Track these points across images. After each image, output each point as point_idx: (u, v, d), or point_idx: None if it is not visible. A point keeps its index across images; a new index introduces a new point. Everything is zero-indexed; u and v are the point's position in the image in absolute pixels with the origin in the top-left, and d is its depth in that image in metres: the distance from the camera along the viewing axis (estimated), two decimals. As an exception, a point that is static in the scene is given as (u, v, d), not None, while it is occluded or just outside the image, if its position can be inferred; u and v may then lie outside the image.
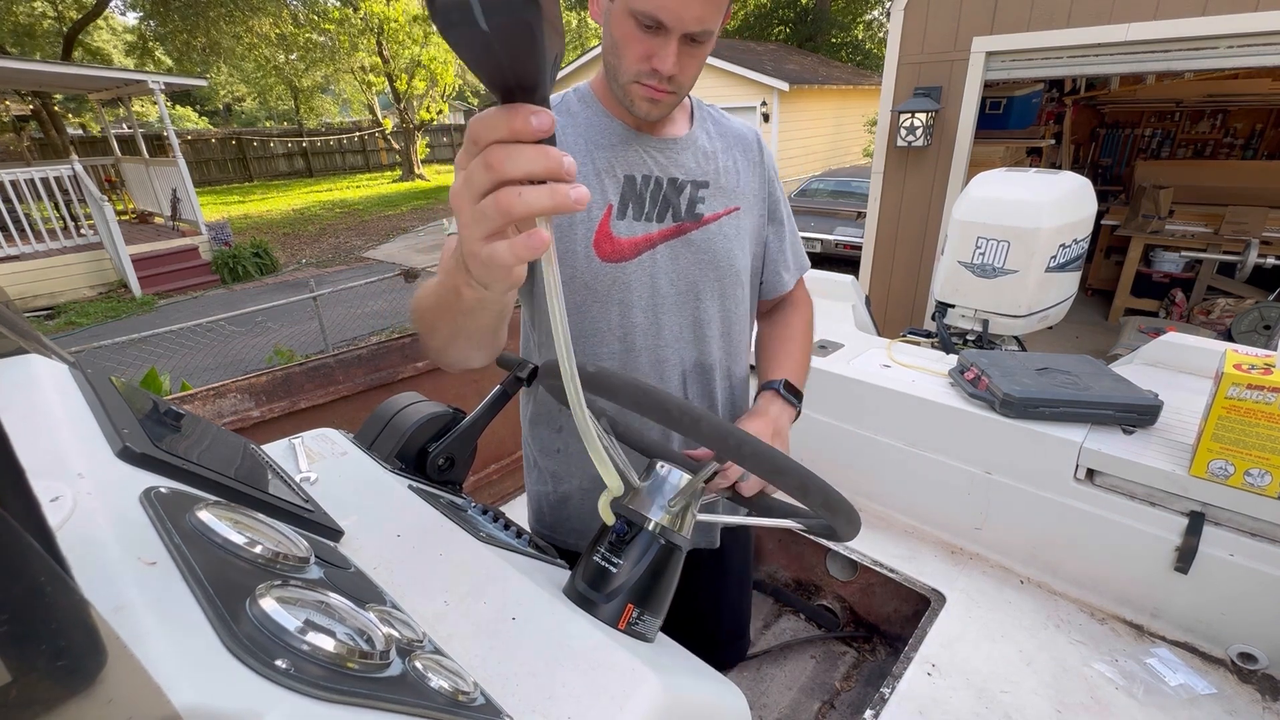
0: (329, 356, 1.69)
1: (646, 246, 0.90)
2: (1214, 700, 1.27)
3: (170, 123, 8.76)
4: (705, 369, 1.00)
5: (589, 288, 0.90)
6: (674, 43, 0.76)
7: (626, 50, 0.79)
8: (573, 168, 0.39)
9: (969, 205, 2.64)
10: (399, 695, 0.37)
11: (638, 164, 0.89)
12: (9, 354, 0.57)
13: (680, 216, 0.92)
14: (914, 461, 1.74)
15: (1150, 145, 6.43)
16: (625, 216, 0.89)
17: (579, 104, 0.92)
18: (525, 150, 0.37)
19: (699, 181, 0.93)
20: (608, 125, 0.90)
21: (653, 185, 0.90)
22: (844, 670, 1.80)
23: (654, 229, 0.90)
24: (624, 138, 0.89)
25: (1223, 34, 3.30)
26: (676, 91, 0.82)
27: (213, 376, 4.84)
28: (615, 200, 0.88)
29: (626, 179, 0.89)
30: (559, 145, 0.87)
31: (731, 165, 0.96)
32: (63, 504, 0.39)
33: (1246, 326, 4.17)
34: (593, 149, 0.88)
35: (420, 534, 0.65)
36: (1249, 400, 1.21)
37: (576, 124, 0.90)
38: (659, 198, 0.90)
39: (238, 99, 24.48)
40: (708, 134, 0.96)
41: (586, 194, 0.39)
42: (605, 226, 0.88)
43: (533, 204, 0.38)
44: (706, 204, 0.93)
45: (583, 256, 0.88)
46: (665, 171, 0.90)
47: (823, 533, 0.73)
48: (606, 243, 0.89)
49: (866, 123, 13.98)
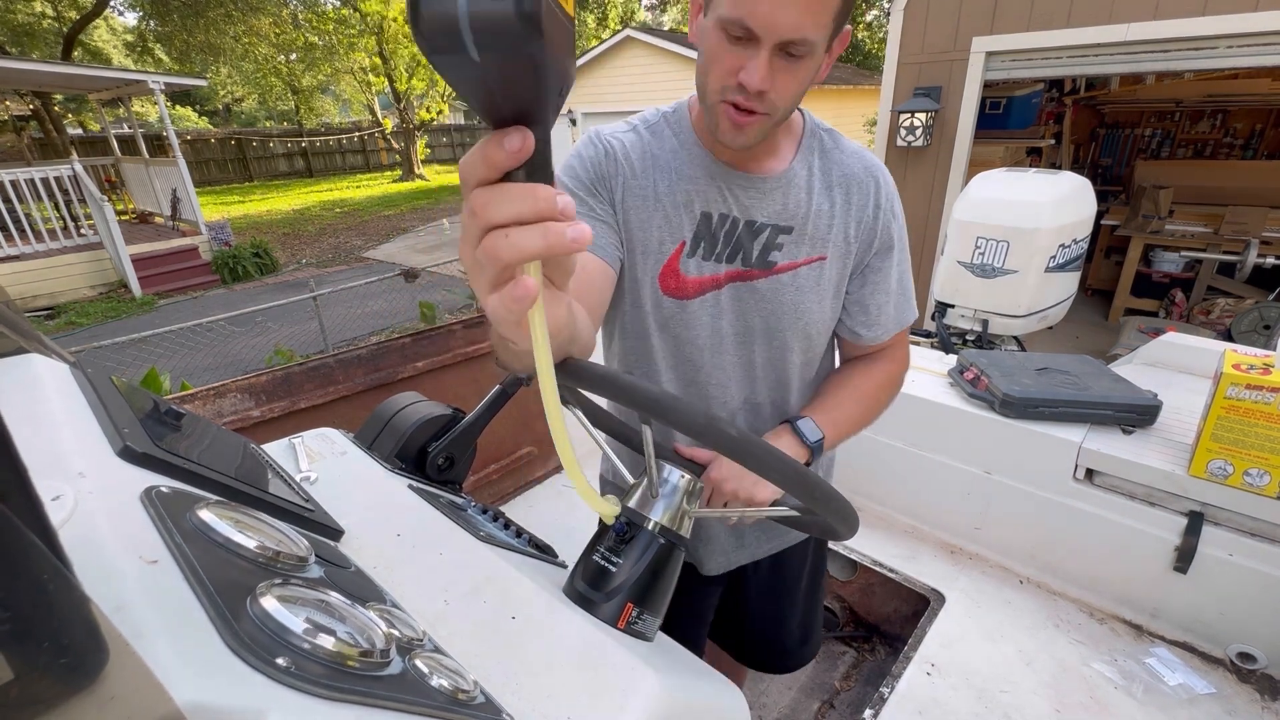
0: (329, 356, 1.69)
1: (712, 287, 0.87)
2: (1213, 700, 1.27)
3: (170, 123, 8.76)
4: (755, 409, 0.97)
5: (653, 317, 0.89)
6: (765, 54, 0.68)
7: (716, 65, 0.72)
8: (569, 207, 0.35)
9: (969, 205, 2.64)
10: (399, 694, 0.37)
11: (717, 202, 0.85)
12: (10, 354, 0.58)
13: (750, 262, 0.86)
14: (914, 461, 1.74)
15: (1150, 145, 6.43)
16: (695, 254, 0.86)
17: (672, 128, 0.87)
18: (509, 191, 0.34)
19: (781, 226, 0.86)
20: (696, 156, 0.85)
21: (728, 225, 0.85)
22: (844, 670, 1.80)
23: (721, 270, 0.86)
24: (710, 172, 0.84)
25: (1222, 34, 3.30)
26: (769, 113, 0.74)
27: (213, 376, 4.84)
28: (689, 237, 0.85)
29: (703, 216, 0.85)
30: (647, 169, 0.85)
31: (828, 208, 0.87)
32: (64, 503, 0.39)
33: (1246, 326, 4.17)
34: (676, 180, 0.84)
35: (420, 533, 0.65)
36: (1248, 400, 1.21)
37: (665, 150, 0.85)
38: (732, 239, 0.86)
39: (237, 99, 24.47)
40: (810, 170, 0.87)
41: (587, 232, 0.36)
42: (674, 262, 0.85)
43: (522, 247, 0.34)
44: (784, 251, 0.87)
45: (649, 286, 0.86)
46: (745, 213, 0.85)
47: (821, 531, 0.74)
48: (672, 278, 0.86)
49: (866, 123, 13.97)
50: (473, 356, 1.97)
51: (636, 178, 0.85)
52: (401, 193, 16.86)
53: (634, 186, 0.84)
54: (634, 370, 0.94)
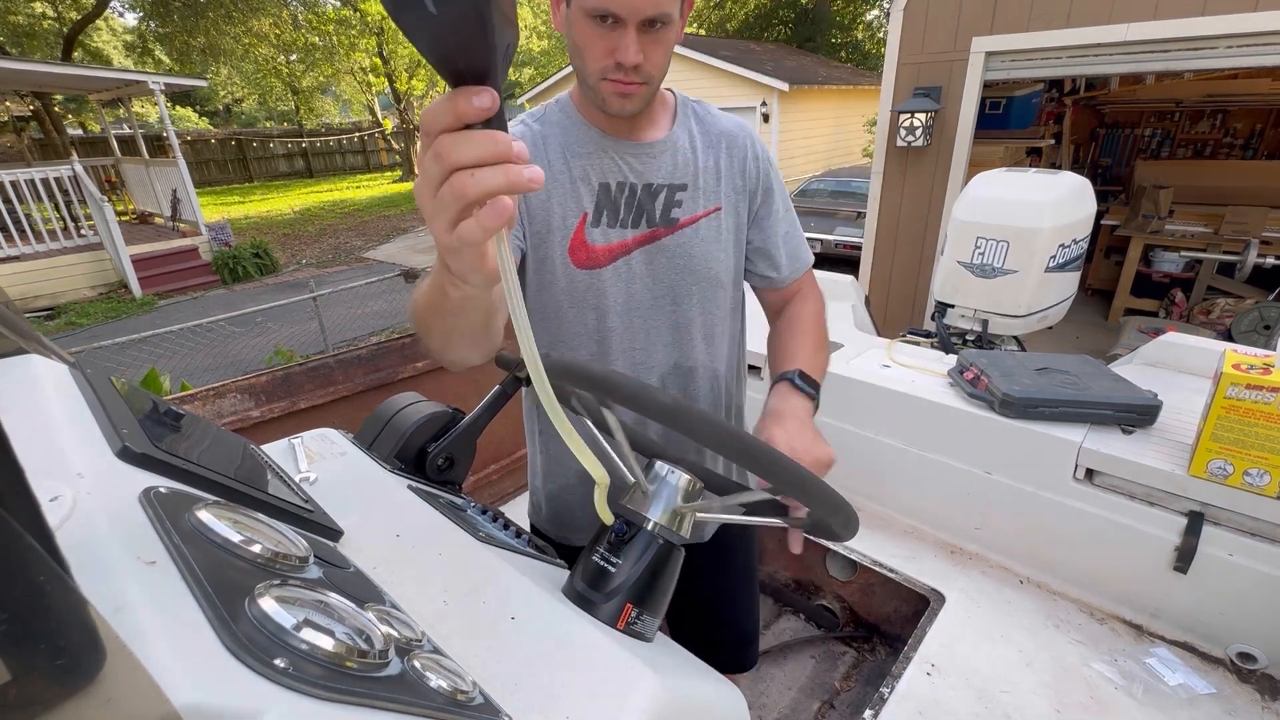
0: (329, 356, 1.69)
1: (621, 253, 0.91)
2: (1213, 700, 1.27)
3: (170, 123, 8.76)
4: (685, 371, 1.00)
5: (565, 294, 0.91)
6: (631, 31, 0.76)
7: (588, 49, 0.79)
8: (523, 151, 0.39)
9: (969, 205, 2.64)
10: (398, 695, 0.37)
11: (612, 171, 0.90)
12: (9, 354, 0.58)
13: (655, 222, 0.92)
14: (914, 461, 1.74)
15: (1150, 145, 6.43)
16: (600, 224, 0.90)
17: (558, 113, 0.92)
18: (472, 136, 0.38)
19: (676, 185, 0.92)
20: (584, 133, 0.90)
21: (627, 192, 0.90)
22: (844, 670, 1.80)
23: (628, 235, 0.91)
24: (600, 145, 0.89)
25: (1222, 34, 3.30)
26: (647, 82, 0.81)
27: (213, 377, 4.84)
28: (590, 208, 0.89)
29: (601, 186, 0.89)
30: (540, 154, 0.87)
31: (713, 164, 0.95)
32: (62, 504, 0.39)
33: (1246, 326, 4.17)
34: (569, 157, 0.89)
35: (420, 534, 0.65)
36: (1248, 400, 1.21)
37: (555, 133, 0.90)
38: (634, 204, 0.90)
39: (237, 99, 24.47)
40: (690, 133, 0.95)
41: (540, 174, 0.39)
42: (580, 234, 0.89)
43: (487, 184, 0.38)
44: (684, 207, 0.93)
45: (559, 263, 0.90)
46: (640, 177, 0.90)
47: (821, 532, 0.73)
48: (581, 250, 0.90)
49: (866, 123, 13.98)
50: (472, 357, 1.97)
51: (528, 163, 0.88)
52: (401, 193, 16.86)
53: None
54: (559, 349, 0.96)
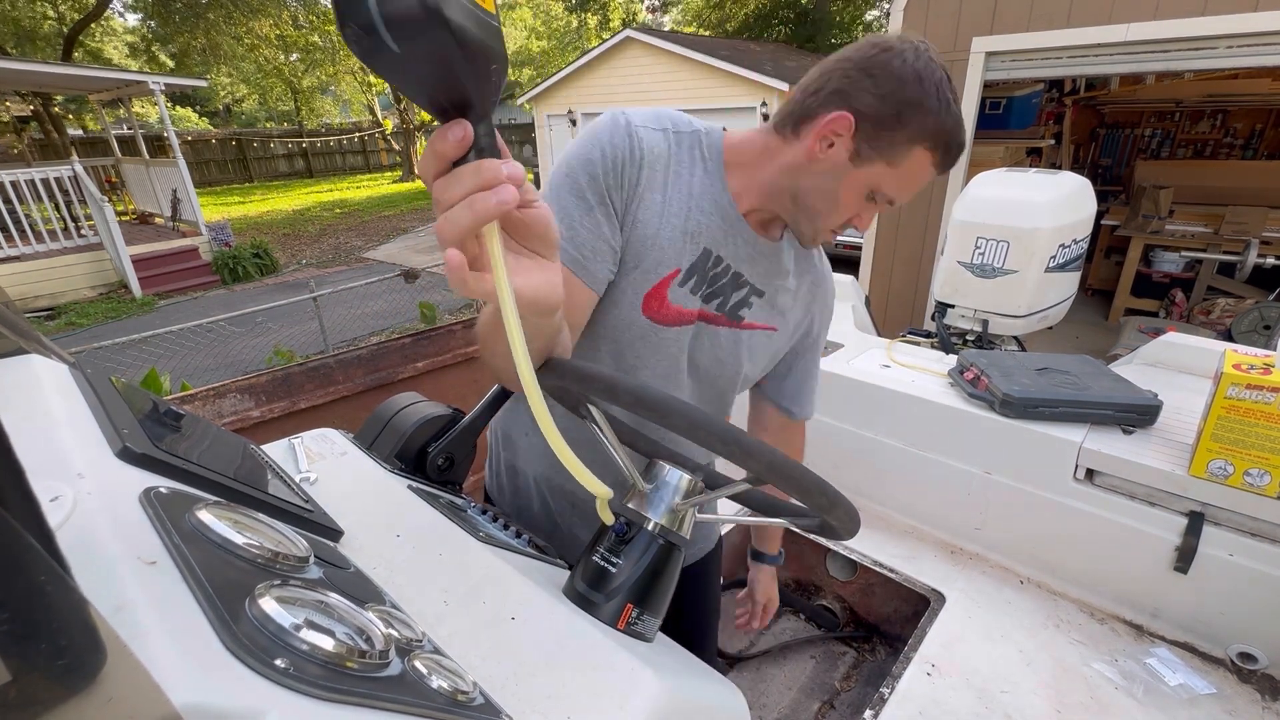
0: (329, 357, 1.69)
1: (685, 321, 0.88)
2: (1213, 700, 1.27)
3: (170, 123, 8.76)
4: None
5: (615, 329, 0.87)
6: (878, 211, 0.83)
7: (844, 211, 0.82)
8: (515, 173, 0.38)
9: (969, 205, 2.64)
10: (398, 695, 0.37)
11: (720, 244, 0.86)
12: (9, 354, 0.58)
13: (724, 309, 0.90)
14: (914, 461, 1.74)
15: (1150, 145, 6.43)
16: (685, 285, 0.86)
17: (704, 155, 0.86)
18: (457, 173, 0.38)
19: (757, 288, 0.91)
20: (719, 196, 0.85)
21: (720, 269, 0.88)
22: (844, 670, 1.80)
23: (696, 308, 0.88)
24: (725, 215, 0.85)
25: (1222, 34, 3.30)
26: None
27: (213, 377, 4.84)
28: (685, 266, 0.85)
29: (704, 252, 0.85)
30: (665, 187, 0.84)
31: (793, 288, 0.96)
32: (62, 504, 0.39)
33: (1246, 326, 4.17)
34: (693, 208, 0.84)
35: (420, 534, 0.65)
36: (1248, 400, 1.21)
37: (693, 174, 0.85)
38: (719, 283, 0.88)
39: (238, 100, 24.47)
40: (795, 251, 0.95)
41: (510, 195, 0.38)
42: (664, 287, 0.85)
43: (458, 222, 0.38)
44: (753, 311, 0.92)
45: (627, 302, 0.85)
46: (737, 264, 0.88)
47: (822, 531, 0.73)
48: (656, 301, 0.85)
49: (866, 123, 13.95)
50: (473, 357, 1.97)
51: (653, 191, 0.82)
52: (401, 193, 16.86)
53: (648, 199, 0.81)
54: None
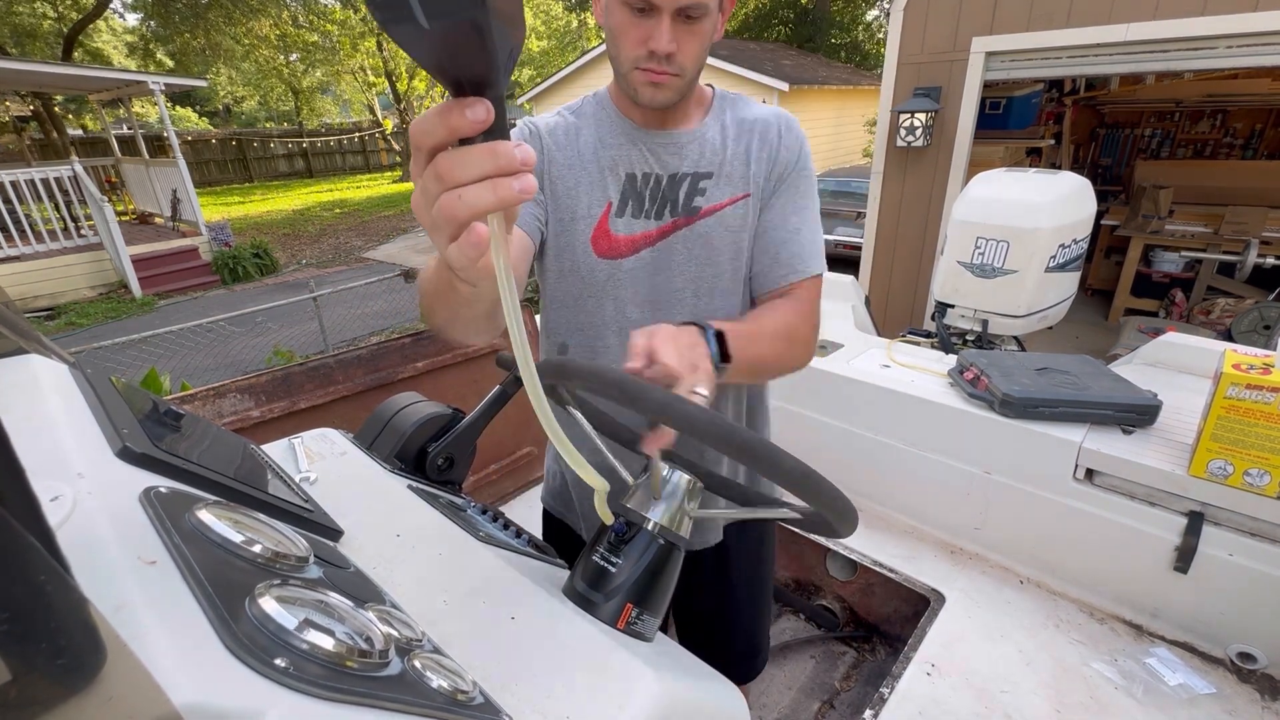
0: (329, 356, 1.69)
1: (645, 244, 0.91)
2: (1213, 700, 1.27)
3: (170, 123, 8.76)
4: None
5: (585, 282, 0.92)
6: (666, 20, 0.76)
7: (623, 38, 0.80)
8: (528, 157, 0.37)
9: (969, 205, 2.64)
10: (398, 694, 0.37)
11: (639, 162, 0.90)
12: (9, 354, 0.58)
13: (677, 212, 0.90)
14: (914, 461, 1.74)
15: (1150, 145, 6.42)
16: (624, 214, 0.90)
17: (594, 105, 0.93)
18: (472, 153, 0.36)
19: (700, 173, 0.90)
20: (617, 124, 0.91)
21: (652, 183, 0.90)
22: (844, 670, 1.80)
23: (652, 226, 0.91)
24: (630, 136, 0.90)
25: (1222, 34, 3.30)
26: (679, 74, 0.81)
27: (213, 377, 4.84)
28: (615, 198, 0.89)
29: (628, 176, 0.90)
30: (573, 145, 0.88)
31: (743, 150, 0.91)
32: (63, 503, 0.39)
33: (1246, 326, 4.17)
34: (599, 148, 0.90)
35: (420, 534, 0.65)
36: (1248, 400, 1.21)
37: (588, 124, 0.91)
38: (658, 195, 0.90)
39: (238, 100, 24.47)
40: (722, 124, 0.92)
41: (532, 184, 0.37)
42: (604, 224, 0.89)
43: (476, 204, 0.37)
44: (707, 195, 0.90)
45: (581, 252, 0.90)
46: (666, 168, 0.90)
47: (820, 528, 0.73)
48: (604, 240, 0.90)
49: (866, 123, 13.98)
50: (473, 357, 1.97)
51: (561, 150, 0.90)
52: (402, 193, 16.85)
53: (558, 159, 0.90)
54: (576, 339, 0.96)
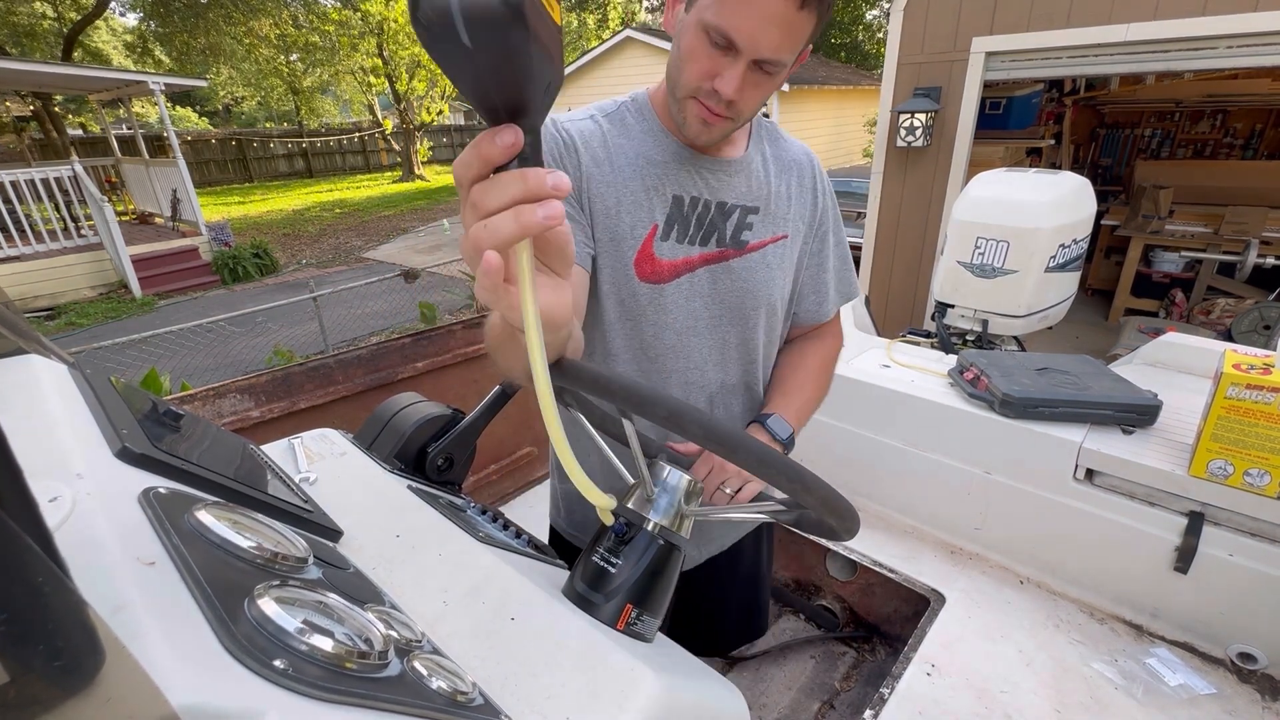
0: (329, 357, 1.69)
1: (686, 270, 0.88)
2: (1213, 700, 1.27)
3: (170, 123, 8.76)
4: (730, 390, 0.98)
5: (624, 306, 0.88)
6: (742, 66, 0.71)
7: (692, 64, 0.74)
8: (561, 184, 0.37)
9: (969, 205, 2.64)
10: (397, 695, 0.37)
11: (688, 185, 0.86)
12: (9, 354, 0.58)
13: (725, 243, 0.89)
14: (914, 461, 1.74)
15: (1150, 145, 6.42)
16: (669, 238, 0.86)
17: (635, 115, 0.88)
18: (502, 179, 0.36)
19: (749, 207, 0.89)
20: (662, 141, 0.86)
21: (700, 208, 0.87)
22: (844, 670, 1.80)
23: (695, 253, 0.87)
24: (677, 156, 0.85)
25: (1222, 34, 3.30)
26: (734, 118, 0.78)
27: (213, 377, 4.84)
28: (661, 221, 0.85)
29: (675, 199, 0.85)
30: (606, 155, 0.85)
31: (784, 190, 0.93)
32: (61, 504, 0.39)
33: (1246, 326, 4.17)
34: (643, 165, 0.84)
35: (419, 534, 0.65)
36: (1248, 400, 1.20)
37: (630, 136, 0.86)
38: (705, 221, 0.87)
39: (237, 100, 24.47)
40: (763, 156, 0.92)
41: (558, 211, 0.36)
42: (648, 247, 0.85)
43: (499, 232, 0.36)
44: (754, 231, 0.90)
45: (622, 275, 0.85)
46: (715, 195, 0.87)
47: (821, 531, 0.73)
48: (647, 263, 0.86)
49: (866, 123, 13.98)
50: (472, 357, 1.97)
51: (599, 166, 0.84)
52: (401, 193, 16.85)
53: (596, 175, 0.83)
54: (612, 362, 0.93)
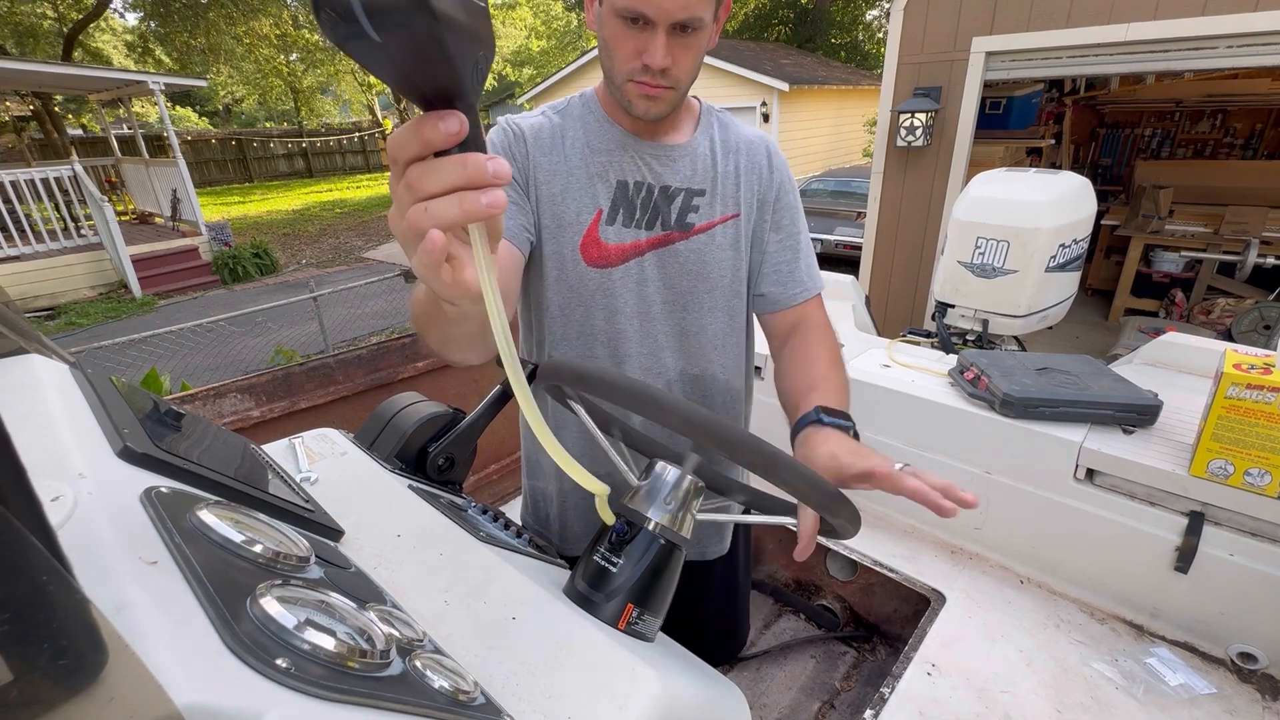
0: (329, 356, 1.69)
1: (634, 254, 0.90)
2: (1214, 700, 1.27)
3: (170, 123, 8.76)
4: (698, 380, 0.98)
5: (574, 291, 0.90)
6: (661, 35, 0.75)
7: (617, 49, 0.78)
8: (501, 170, 0.36)
9: (969, 205, 2.64)
10: (399, 695, 0.37)
11: (631, 170, 0.88)
12: (10, 354, 0.58)
13: (669, 225, 0.90)
14: (914, 461, 1.73)
15: (1150, 145, 6.42)
16: (615, 223, 0.88)
17: (581, 107, 0.91)
18: (443, 164, 0.35)
19: (694, 189, 0.91)
20: (606, 130, 0.89)
21: (644, 192, 0.89)
22: (844, 670, 1.80)
23: (642, 237, 0.89)
24: (621, 143, 0.88)
25: (1222, 34, 3.30)
26: (674, 86, 0.80)
27: (213, 377, 4.84)
28: (606, 206, 0.88)
29: (619, 184, 0.88)
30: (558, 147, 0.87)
31: (732, 170, 0.94)
32: (63, 503, 0.39)
33: (1246, 326, 4.17)
34: (588, 153, 0.88)
35: (420, 534, 0.65)
36: (1248, 400, 1.21)
37: (576, 127, 0.89)
38: (649, 205, 0.89)
39: (237, 99, 24.47)
40: (711, 140, 0.94)
41: (500, 199, 0.36)
42: (594, 231, 0.88)
43: (440, 216, 0.35)
44: (700, 213, 0.91)
45: (570, 260, 0.88)
46: (659, 179, 0.89)
47: (822, 530, 0.73)
48: (594, 248, 0.88)
49: (866, 123, 13.99)
50: (473, 357, 1.97)
51: (546, 155, 0.87)
52: (401, 193, 16.83)
53: (544, 164, 0.87)
54: (564, 346, 0.94)
